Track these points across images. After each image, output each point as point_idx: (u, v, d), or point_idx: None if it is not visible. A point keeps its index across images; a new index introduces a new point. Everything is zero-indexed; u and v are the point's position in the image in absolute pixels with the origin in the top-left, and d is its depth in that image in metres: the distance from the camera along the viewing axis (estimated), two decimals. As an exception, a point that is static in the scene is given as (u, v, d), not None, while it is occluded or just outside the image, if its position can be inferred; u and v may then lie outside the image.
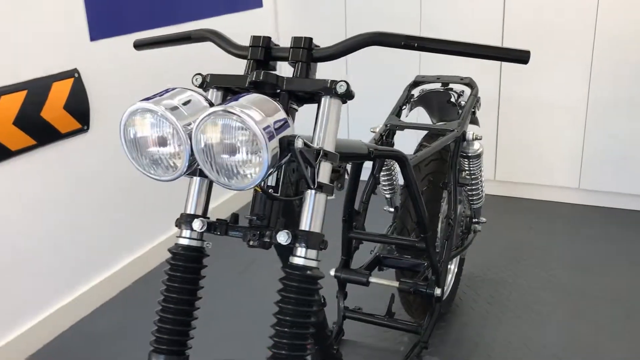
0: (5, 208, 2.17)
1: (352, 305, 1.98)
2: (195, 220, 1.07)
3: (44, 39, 2.26)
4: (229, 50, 1.17)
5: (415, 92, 2.30)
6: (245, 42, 1.13)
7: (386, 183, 2.22)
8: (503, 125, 3.45)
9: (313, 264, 1.02)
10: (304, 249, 1.01)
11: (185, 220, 1.09)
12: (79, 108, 2.43)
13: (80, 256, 2.52)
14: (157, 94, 0.95)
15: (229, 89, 1.11)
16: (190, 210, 1.10)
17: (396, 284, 1.86)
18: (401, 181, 2.21)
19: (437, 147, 1.84)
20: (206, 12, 3.18)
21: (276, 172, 1.04)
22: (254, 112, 0.86)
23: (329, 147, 1.03)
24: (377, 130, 2.06)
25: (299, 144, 0.90)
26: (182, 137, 0.91)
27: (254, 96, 0.91)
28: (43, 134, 2.28)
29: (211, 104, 0.99)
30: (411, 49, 1.06)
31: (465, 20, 3.33)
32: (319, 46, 1.11)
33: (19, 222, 2.23)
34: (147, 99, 0.94)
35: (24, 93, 2.19)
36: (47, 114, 2.28)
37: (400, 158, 1.63)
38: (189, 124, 0.92)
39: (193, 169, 0.99)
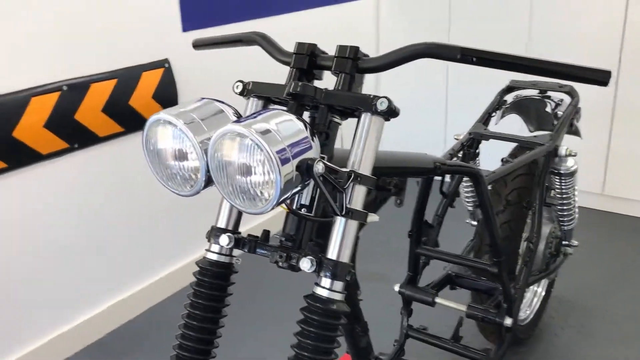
0: (91, 191, 2.26)
1: (418, 323, 1.86)
2: (223, 235, 1.02)
3: (137, 29, 2.31)
4: (274, 56, 1.10)
5: (509, 98, 2.12)
6: (346, 35, 1.05)
7: (469, 195, 2.07)
8: (617, 134, 3.12)
9: (338, 296, 0.93)
10: (329, 280, 0.93)
11: (214, 234, 1.04)
12: (168, 98, 2.47)
13: (156, 244, 2.58)
14: (183, 104, 0.91)
15: (270, 98, 1.05)
16: (221, 223, 1.05)
17: (464, 307, 1.72)
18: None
19: (520, 162, 1.67)
20: (304, 3, 3.13)
21: (303, 190, 0.95)
22: (269, 132, 0.79)
23: (365, 169, 0.94)
24: (460, 138, 1.91)
25: (319, 168, 0.82)
26: (198, 153, 0.86)
27: (275, 113, 0.84)
28: (131, 122, 2.34)
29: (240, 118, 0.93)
30: (469, 64, 0.94)
31: (577, 31, 3.04)
32: (367, 55, 1.01)
33: (104, 206, 2.31)
34: (174, 108, 0.90)
35: (114, 82, 2.25)
36: (136, 103, 2.33)
37: (474, 175, 1.49)
38: (209, 139, 0.86)
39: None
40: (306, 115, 1.02)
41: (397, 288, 1.80)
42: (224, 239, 1.02)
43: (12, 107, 1.96)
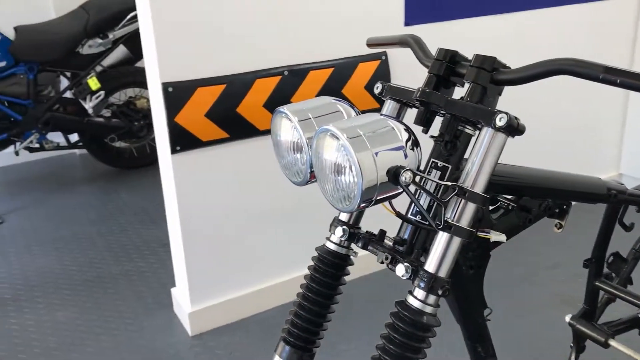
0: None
1: (590, 362, 1.68)
2: (339, 227, 1.07)
3: (360, 22, 2.43)
4: (420, 60, 1.10)
5: None
6: (592, 37, 1.03)
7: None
8: None
9: (430, 310, 0.92)
10: (422, 292, 0.92)
11: (334, 225, 1.10)
12: (380, 89, 2.56)
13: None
14: (306, 101, 0.97)
15: (403, 101, 1.06)
16: (342, 216, 1.10)
17: (640, 358, 1.51)
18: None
19: None
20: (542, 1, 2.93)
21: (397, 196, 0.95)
22: (360, 136, 0.81)
23: (477, 185, 0.90)
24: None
25: (405, 177, 0.81)
26: (305, 149, 0.92)
27: (376, 120, 0.86)
28: (342, 109, 2.49)
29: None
30: (612, 85, 0.83)
31: None
32: (508, 67, 0.96)
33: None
34: (296, 104, 0.97)
35: (330, 70, 2.41)
36: (348, 91, 2.47)
37: (664, 209, 1.30)
38: (318, 136, 0.92)
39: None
40: (439, 121, 1.02)
41: (567, 319, 1.65)
42: (339, 231, 1.07)
43: (240, 86, 2.24)
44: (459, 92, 1.02)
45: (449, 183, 0.88)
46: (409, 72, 2.57)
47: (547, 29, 2.97)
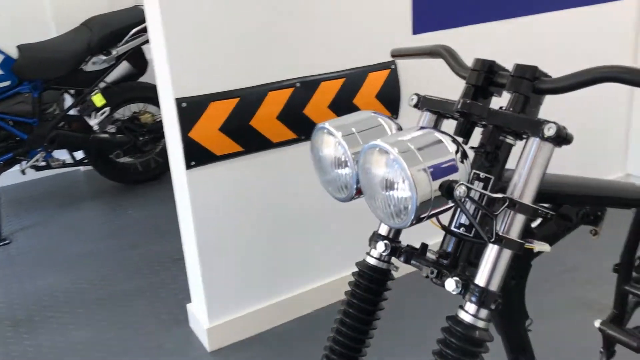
0: (314, 177, 2.45)
1: (620, 367, 1.67)
2: (381, 242, 1.06)
3: (368, 32, 2.43)
4: (455, 71, 1.10)
5: None
6: (594, 40, 1.02)
7: None
8: None
9: (481, 324, 0.91)
10: (473, 306, 0.91)
11: (374, 240, 1.09)
12: (390, 98, 2.55)
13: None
14: (348, 116, 0.97)
15: (441, 113, 1.05)
16: (382, 230, 1.09)
17: (675, 362, 1.50)
18: None
19: None
20: (554, 3, 2.94)
21: (452, 209, 0.94)
22: (411, 151, 0.80)
23: (526, 197, 0.89)
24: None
25: (460, 191, 0.80)
26: (351, 164, 0.91)
27: (425, 133, 0.85)
28: (354, 119, 2.48)
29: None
30: (662, 92, 0.82)
31: None
32: (549, 76, 0.95)
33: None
34: (339, 119, 0.96)
35: (341, 81, 2.41)
36: (359, 101, 2.46)
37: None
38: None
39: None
40: (478, 132, 1.01)
41: (597, 324, 1.63)
42: (381, 246, 1.06)
43: (253, 99, 2.23)
44: (495, 102, 1.01)
45: (500, 195, 0.88)
46: (419, 79, 2.59)
47: (555, 32, 2.97)
